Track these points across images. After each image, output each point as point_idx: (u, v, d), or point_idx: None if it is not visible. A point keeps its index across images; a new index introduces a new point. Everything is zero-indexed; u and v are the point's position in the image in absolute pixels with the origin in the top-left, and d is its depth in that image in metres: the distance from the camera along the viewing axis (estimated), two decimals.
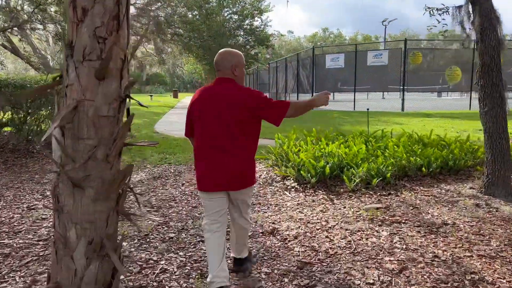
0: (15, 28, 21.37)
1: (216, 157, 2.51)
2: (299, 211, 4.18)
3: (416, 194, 4.62)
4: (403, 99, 16.71)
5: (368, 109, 7.89)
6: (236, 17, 24.05)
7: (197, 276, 2.84)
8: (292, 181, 5.20)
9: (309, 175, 4.99)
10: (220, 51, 2.67)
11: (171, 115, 18.06)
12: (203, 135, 2.54)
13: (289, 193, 4.86)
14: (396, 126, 11.59)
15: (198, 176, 2.60)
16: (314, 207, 4.29)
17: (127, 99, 2.06)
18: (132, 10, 25.89)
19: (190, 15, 25.09)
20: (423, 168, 5.14)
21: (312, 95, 19.52)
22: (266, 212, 4.22)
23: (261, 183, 5.37)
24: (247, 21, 23.91)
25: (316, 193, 4.79)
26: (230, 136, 2.48)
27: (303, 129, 8.58)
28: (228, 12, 24.42)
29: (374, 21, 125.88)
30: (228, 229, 2.98)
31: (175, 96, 37.73)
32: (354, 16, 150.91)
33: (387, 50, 17.14)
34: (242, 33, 24.47)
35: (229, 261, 2.95)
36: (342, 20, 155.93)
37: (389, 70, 17.22)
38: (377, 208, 4.13)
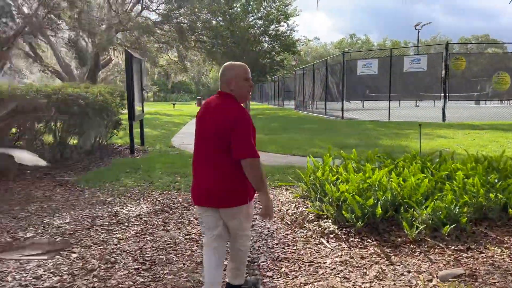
0: (40, 36, 21.03)
1: (204, 172, 2.51)
2: (344, 277, 2.96)
3: (508, 250, 3.31)
4: (444, 108, 15.15)
5: (420, 125, 6.58)
6: (261, 22, 22.99)
7: None
8: (331, 222, 3.98)
9: (353, 216, 3.77)
10: (224, 64, 2.61)
11: (191, 125, 17.07)
12: (195, 149, 2.58)
13: (328, 241, 3.64)
14: (441, 140, 10.17)
15: (192, 189, 2.63)
16: (364, 269, 3.06)
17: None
18: (154, 16, 25.33)
19: (214, 22, 24.26)
20: (510, 209, 3.82)
21: (343, 103, 18.23)
22: (297, 276, 3.02)
23: (289, 223, 4.17)
24: (272, 26, 22.82)
25: (365, 243, 3.55)
26: (212, 150, 2.45)
27: (340, 149, 7.41)
28: (252, 18, 23.41)
29: (402, 26, 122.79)
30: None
31: (199, 105, 37.03)
32: (381, 22, 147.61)
33: (426, 55, 15.64)
34: (267, 39, 23.38)
35: None
36: (369, 26, 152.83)
37: (428, 77, 15.70)
38: (458, 276, 2.87)
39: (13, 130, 6.17)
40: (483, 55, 22.76)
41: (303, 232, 3.89)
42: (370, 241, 3.57)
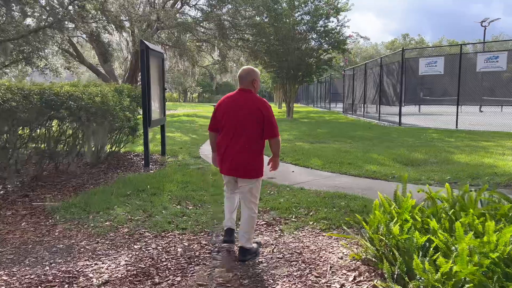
0: (82, 34, 20.39)
1: (230, 150, 3.23)
2: None
3: None
4: None
5: None
6: (308, 18, 21.05)
7: None
8: None
9: None
10: (243, 68, 3.37)
11: None
12: (225, 132, 3.27)
13: None
14: None
15: (218, 160, 3.40)
16: None
17: None
18: (194, 12, 24.10)
19: (257, 18, 22.62)
20: None
21: (401, 107, 15.96)
22: None
23: None
24: (320, 22, 20.82)
25: None
26: (244, 134, 3.18)
27: (404, 166, 5.51)
28: (299, 13, 21.53)
29: (458, 27, 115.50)
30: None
31: None
32: (434, 22, 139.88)
33: (506, 51, 13.09)
34: (314, 36, 21.40)
35: None
36: (421, 27, 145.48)
37: (508, 77, 13.17)
38: None
39: None
40: None
41: None
42: None
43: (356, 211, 4.46)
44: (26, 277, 3.00)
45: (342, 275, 2.98)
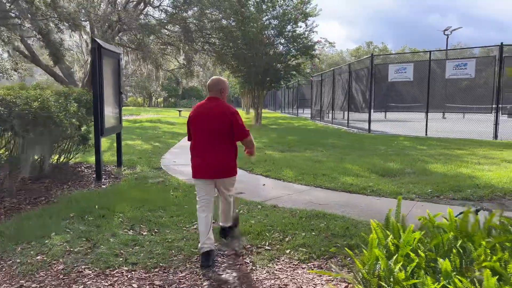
0: (38, 35, 19.00)
1: (205, 154, 3.44)
2: None
3: None
4: (496, 123, 12.53)
5: None
6: (276, 22, 20.63)
7: None
8: None
9: None
10: (212, 78, 3.63)
11: None
12: (197, 138, 3.49)
13: None
14: None
15: (193, 167, 3.53)
16: None
17: None
18: (157, 14, 23.15)
19: (224, 22, 22.00)
20: None
21: (370, 114, 15.74)
22: None
23: None
24: (289, 27, 20.46)
25: None
26: (215, 138, 3.42)
27: (381, 176, 5.04)
28: (267, 17, 21.06)
29: (417, 36, 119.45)
30: None
31: None
32: (394, 31, 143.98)
33: (474, 58, 13.09)
34: (282, 41, 21.00)
35: None
36: (382, 35, 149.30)
37: (475, 85, 13.17)
38: None
39: None
40: None
41: None
42: None
43: (338, 234, 3.89)
44: None
45: None
